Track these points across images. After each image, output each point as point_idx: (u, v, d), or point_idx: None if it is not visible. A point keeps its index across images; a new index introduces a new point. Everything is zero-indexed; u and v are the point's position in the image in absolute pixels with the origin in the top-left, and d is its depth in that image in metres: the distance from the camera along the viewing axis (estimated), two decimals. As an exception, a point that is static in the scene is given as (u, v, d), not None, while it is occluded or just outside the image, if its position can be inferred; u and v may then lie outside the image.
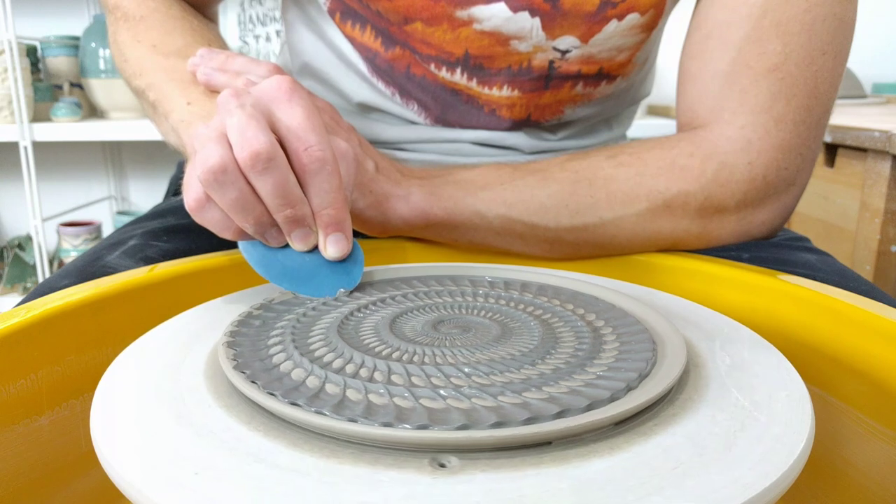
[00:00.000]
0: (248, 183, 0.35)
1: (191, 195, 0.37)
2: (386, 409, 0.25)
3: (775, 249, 0.51)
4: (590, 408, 0.25)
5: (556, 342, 0.31)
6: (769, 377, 0.29)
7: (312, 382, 0.27)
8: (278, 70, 0.48)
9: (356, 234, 0.40)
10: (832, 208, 1.14)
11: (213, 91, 0.49)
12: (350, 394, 0.26)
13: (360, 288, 0.39)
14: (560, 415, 0.24)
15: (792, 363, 0.31)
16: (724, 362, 0.31)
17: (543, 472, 0.23)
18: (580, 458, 0.23)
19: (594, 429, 0.24)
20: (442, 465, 0.23)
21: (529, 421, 0.24)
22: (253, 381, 0.27)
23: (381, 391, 0.26)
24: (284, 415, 0.25)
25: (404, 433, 0.23)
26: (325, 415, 0.25)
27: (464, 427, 0.24)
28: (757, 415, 0.26)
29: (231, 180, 0.35)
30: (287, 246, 0.39)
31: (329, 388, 0.27)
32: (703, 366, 0.30)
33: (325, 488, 0.22)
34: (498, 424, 0.24)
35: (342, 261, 0.38)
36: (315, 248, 0.38)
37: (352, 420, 0.24)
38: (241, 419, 0.26)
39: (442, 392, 0.26)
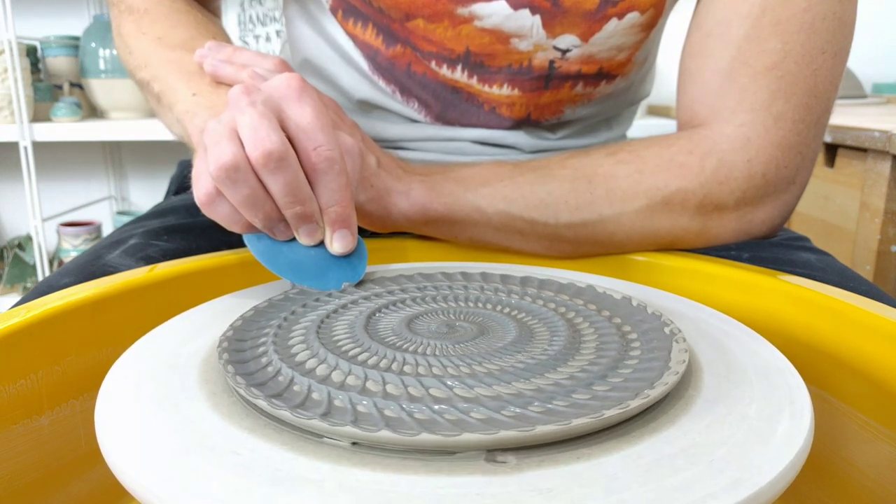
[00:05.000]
0: (259, 180, 0.36)
1: (201, 190, 0.37)
2: (422, 423, 0.24)
3: (775, 249, 0.51)
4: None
5: (582, 343, 0.31)
6: (769, 375, 0.29)
7: (318, 392, 0.27)
8: (284, 64, 0.49)
9: (358, 230, 0.41)
10: (832, 208, 1.14)
11: (218, 83, 0.49)
12: (361, 408, 0.26)
13: (364, 284, 0.39)
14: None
15: (792, 363, 0.31)
16: (723, 361, 0.31)
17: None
18: (584, 458, 0.23)
19: (594, 429, 0.24)
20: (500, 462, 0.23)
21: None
22: (249, 385, 0.27)
23: (423, 408, 0.25)
24: (288, 419, 0.25)
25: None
26: (336, 421, 0.24)
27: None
28: (757, 413, 0.26)
29: (243, 178, 0.35)
30: (293, 239, 0.39)
31: (338, 403, 0.26)
32: (703, 365, 0.30)
33: (331, 489, 0.22)
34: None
35: (347, 255, 0.39)
36: (321, 243, 0.39)
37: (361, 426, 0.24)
38: (241, 424, 0.26)
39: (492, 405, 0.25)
